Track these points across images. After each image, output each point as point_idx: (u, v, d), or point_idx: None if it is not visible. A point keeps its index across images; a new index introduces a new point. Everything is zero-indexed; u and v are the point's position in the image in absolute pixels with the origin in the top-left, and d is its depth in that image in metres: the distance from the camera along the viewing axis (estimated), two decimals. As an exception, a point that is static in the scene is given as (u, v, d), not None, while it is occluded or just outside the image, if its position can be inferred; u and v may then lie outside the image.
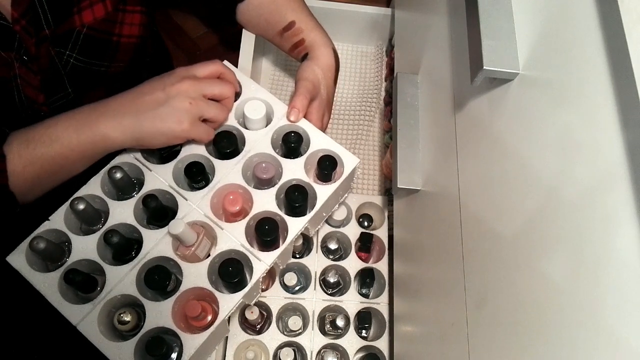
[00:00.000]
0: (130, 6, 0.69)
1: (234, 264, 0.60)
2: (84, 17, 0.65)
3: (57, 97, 0.68)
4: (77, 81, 0.69)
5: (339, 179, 0.67)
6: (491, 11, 0.45)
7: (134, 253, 0.62)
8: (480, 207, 0.49)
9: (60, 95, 0.68)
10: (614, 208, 0.29)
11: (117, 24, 0.68)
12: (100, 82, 0.72)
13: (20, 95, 0.64)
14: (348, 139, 1.04)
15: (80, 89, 0.70)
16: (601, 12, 0.32)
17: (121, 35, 0.69)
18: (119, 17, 0.68)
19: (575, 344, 0.31)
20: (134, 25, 0.70)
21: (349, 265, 0.87)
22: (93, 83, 0.72)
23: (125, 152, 0.66)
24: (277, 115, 0.70)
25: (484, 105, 0.50)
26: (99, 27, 0.66)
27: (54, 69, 0.66)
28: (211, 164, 0.66)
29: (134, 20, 0.70)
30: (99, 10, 0.65)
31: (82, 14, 0.64)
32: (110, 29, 0.68)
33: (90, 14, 0.65)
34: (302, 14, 0.76)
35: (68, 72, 0.67)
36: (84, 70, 0.68)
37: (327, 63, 0.73)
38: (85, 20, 0.65)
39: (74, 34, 0.65)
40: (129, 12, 0.69)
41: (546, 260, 0.35)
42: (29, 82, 0.64)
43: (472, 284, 0.48)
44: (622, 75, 0.29)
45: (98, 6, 0.65)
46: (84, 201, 0.60)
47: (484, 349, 0.43)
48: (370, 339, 0.84)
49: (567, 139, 0.35)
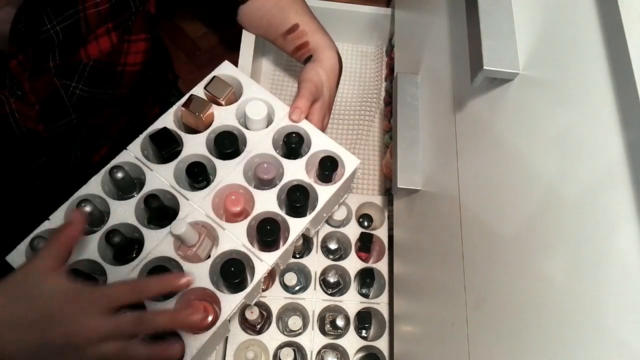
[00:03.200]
0: (134, 35, 0.68)
1: (235, 264, 0.60)
2: (90, 51, 0.64)
3: (60, 124, 0.68)
4: (81, 109, 0.69)
5: (339, 180, 0.68)
6: (491, 11, 0.45)
7: (135, 253, 0.62)
8: (480, 207, 0.49)
9: (63, 122, 0.68)
10: (614, 208, 0.29)
11: (123, 55, 0.67)
12: (104, 107, 0.72)
13: (21, 129, 0.64)
14: (348, 139, 1.04)
15: (84, 115, 0.70)
16: (601, 12, 0.33)
17: (126, 64, 0.69)
18: (124, 48, 0.67)
19: (575, 344, 0.31)
20: (139, 53, 0.69)
21: (349, 265, 0.87)
22: (98, 109, 0.72)
23: (125, 152, 0.66)
24: (278, 115, 0.70)
25: (484, 105, 0.50)
26: (105, 60, 0.66)
27: (57, 99, 0.65)
28: (212, 164, 0.66)
29: (138, 49, 0.69)
30: (104, 43, 0.65)
31: (87, 48, 0.64)
32: (116, 60, 0.67)
33: (96, 47, 0.64)
34: (305, 16, 0.76)
35: (74, 102, 0.67)
36: (88, 99, 0.68)
37: (331, 66, 0.73)
38: (90, 53, 0.64)
39: (79, 67, 0.64)
40: (133, 42, 0.68)
41: (546, 260, 0.35)
42: (27, 115, 0.64)
43: (472, 284, 0.48)
44: (622, 75, 0.30)
45: (104, 39, 0.64)
46: (90, 203, 0.60)
47: (484, 349, 0.43)
48: (370, 339, 0.84)
49: (567, 139, 0.35)
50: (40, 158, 0.72)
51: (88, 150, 0.79)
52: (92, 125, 0.74)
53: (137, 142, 0.66)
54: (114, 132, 0.81)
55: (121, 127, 0.82)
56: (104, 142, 0.81)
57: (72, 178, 0.64)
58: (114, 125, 0.81)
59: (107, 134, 0.80)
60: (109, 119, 0.77)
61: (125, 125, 0.83)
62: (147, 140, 0.67)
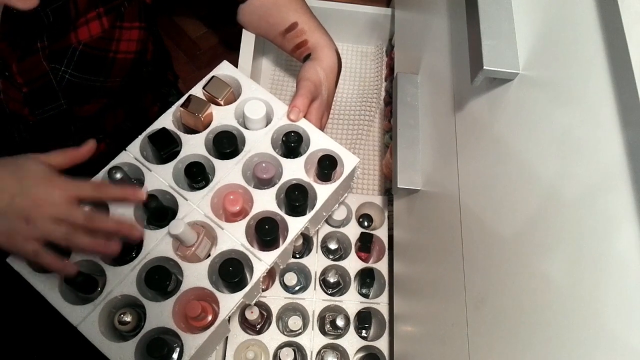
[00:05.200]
0: (127, 23, 0.68)
1: (234, 264, 0.60)
2: (80, 35, 0.64)
3: (48, 109, 0.68)
4: (71, 94, 0.68)
5: (339, 179, 0.67)
6: (491, 11, 0.45)
7: (134, 253, 0.62)
8: (480, 207, 0.49)
9: (51, 106, 0.68)
10: (614, 208, 0.29)
11: (114, 41, 0.67)
12: (96, 95, 0.72)
13: (5, 110, 0.64)
14: (348, 139, 1.04)
15: (75, 102, 0.70)
16: (601, 12, 0.32)
17: (118, 51, 0.68)
18: (116, 34, 0.67)
19: (575, 344, 0.31)
20: (132, 41, 0.69)
21: (349, 265, 0.87)
22: (89, 96, 0.71)
23: (124, 152, 0.66)
24: (277, 115, 0.70)
25: (484, 105, 0.50)
26: (95, 45, 0.66)
27: (46, 83, 0.65)
28: (211, 164, 0.66)
29: (131, 37, 0.69)
30: (95, 27, 0.64)
31: (77, 31, 0.64)
32: (107, 46, 0.67)
33: (86, 31, 0.64)
34: (304, 15, 0.76)
35: (63, 87, 0.67)
36: (79, 85, 0.67)
37: (329, 64, 0.73)
38: (81, 37, 0.64)
39: (69, 51, 0.64)
40: (126, 29, 0.68)
41: (546, 260, 0.35)
42: (13, 98, 0.64)
43: (472, 284, 0.48)
44: (622, 75, 0.29)
45: (94, 23, 0.64)
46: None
47: (484, 349, 0.43)
48: (370, 339, 0.84)
49: (567, 139, 0.35)
50: (36, 152, 0.72)
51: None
52: (85, 117, 0.74)
53: (136, 143, 0.66)
54: (110, 127, 0.81)
55: (119, 122, 0.82)
56: (102, 138, 0.81)
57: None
58: (111, 118, 0.80)
59: (103, 127, 0.80)
60: (103, 111, 0.76)
61: (123, 121, 0.83)
62: (146, 141, 0.67)
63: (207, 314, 0.60)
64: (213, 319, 0.60)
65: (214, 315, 0.61)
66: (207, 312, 0.60)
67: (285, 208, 0.67)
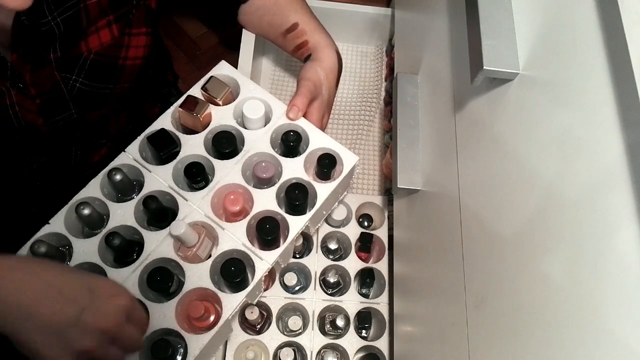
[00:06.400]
0: (135, 29, 0.68)
1: (235, 264, 0.60)
2: (90, 43, 0.64)
3: (60, 118, 0.68)
4: (81, 102, 0.68)
5: (338, 177, 0.68)
6: (491, 11, 0.45)
7: (136, 255, 0.62)
8: (480, 207, 0.49)
9: (62, 116, 0.68)
10: (614, 208, 0.29)
11: (123, 48, 0.67)
12: (105, 102, 0.72)
13: (20, 121, 0.63)
14: (348, 139, 1.04)
15: (84, 109, 0.70)
16: (601, 12, 0.33)
17: (127, 58, 0.68)
18: (125, 41, 0.67)
19: (575, 344, 0.31)
20: (139, 47, 0.69)
21: (349, 265, 0.87)
22: (98, 103, 0.71)
23: (124, 154, 0.66)
24: (276, 114, 0.70)
25: (484, 105, 0.50)
26: (105, 52, 0.65)
27: (57, 93, 0.65)
28: (211, 164, 0.66)
29: (139, 43, 0.69)
30: (105, 35, 0.64)
31: (88, 40, 0.63)
32: (116, 53, 0.67)
33: (97, 39, 0.64)
34: (305, 15, 0.76)
35: (74, 96, 0.67)
36: (88, 93, 0.67)
37: (330, 65, 0.73)
38: (91, 46, 0.64)
39: (80, 60, 0.64)
40: (134, 35, 0.68)
41: (546, 260, 0.35)
42: (27, 109, 0.63)
43: (472, 284, 0.48)
44: (622, 75, 0.29)
45: (104, 31, 0.64)
46: (89, 206, 0.60)
47: (484, 349, 0.43)
48: (370, 339, 0.84)
49: (567, 139, 0.35)
50: (42, 157, 0.72)
51: (88, 149, 0.79)
52: (92, 121, 0.74)
53: (135, 144, 0.66)
54: (113, 131, 0.81)
55: (121, 125, 0.82)
56: (104, 142, 0.81)
57: (72, 179, 0.63)
58: (114, 123, 0.80)
59: (107, 132, 0.80)
60: (109, 116, 0.76)
61: (125, 124, 0.83)
62: (145, 142, 0.67)
63: (210, 314, 0.60)
64: (216, 319, 0.60)
65: (217, 316, 0.61)
66: (209, 313, 0.60)
67: (285, 207, 0.67)
